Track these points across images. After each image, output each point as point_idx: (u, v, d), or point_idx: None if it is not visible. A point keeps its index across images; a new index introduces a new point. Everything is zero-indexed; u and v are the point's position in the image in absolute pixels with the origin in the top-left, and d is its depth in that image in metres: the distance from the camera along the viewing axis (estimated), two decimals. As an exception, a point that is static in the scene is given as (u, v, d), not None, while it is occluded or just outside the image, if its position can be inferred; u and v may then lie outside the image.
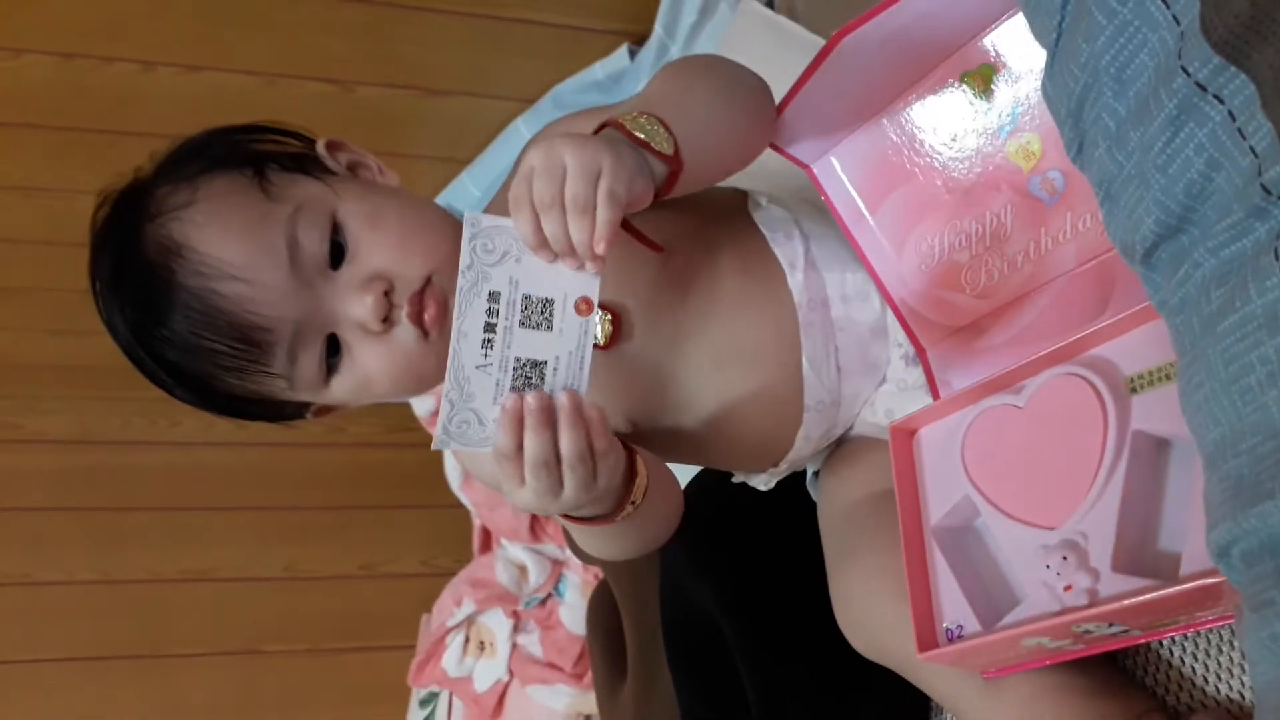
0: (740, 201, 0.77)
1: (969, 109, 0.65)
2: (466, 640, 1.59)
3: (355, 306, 0.66)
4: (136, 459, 1.53)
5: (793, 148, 0.72)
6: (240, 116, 1.32)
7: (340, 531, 1.66)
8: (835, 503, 0.76)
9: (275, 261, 0.65)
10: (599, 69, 1.33)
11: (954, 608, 0.58)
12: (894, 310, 0.71)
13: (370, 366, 0.68)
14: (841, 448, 0.79)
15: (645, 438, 0.74)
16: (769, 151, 0.73)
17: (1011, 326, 0.65)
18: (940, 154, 0.67)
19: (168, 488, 1.55)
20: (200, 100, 1.31)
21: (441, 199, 1.44)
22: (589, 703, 1.43)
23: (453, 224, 0.72)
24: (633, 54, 1.32)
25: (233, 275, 0.64)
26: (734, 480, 0.83)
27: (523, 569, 1.58)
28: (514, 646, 1.55)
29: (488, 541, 1.67)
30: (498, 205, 0.76)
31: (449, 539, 1.70)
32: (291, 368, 0.67)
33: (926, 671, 0.64)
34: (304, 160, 0.72)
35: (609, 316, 0.70)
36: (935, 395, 0.68)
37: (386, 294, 0.66)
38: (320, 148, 0.74)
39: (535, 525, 1.55)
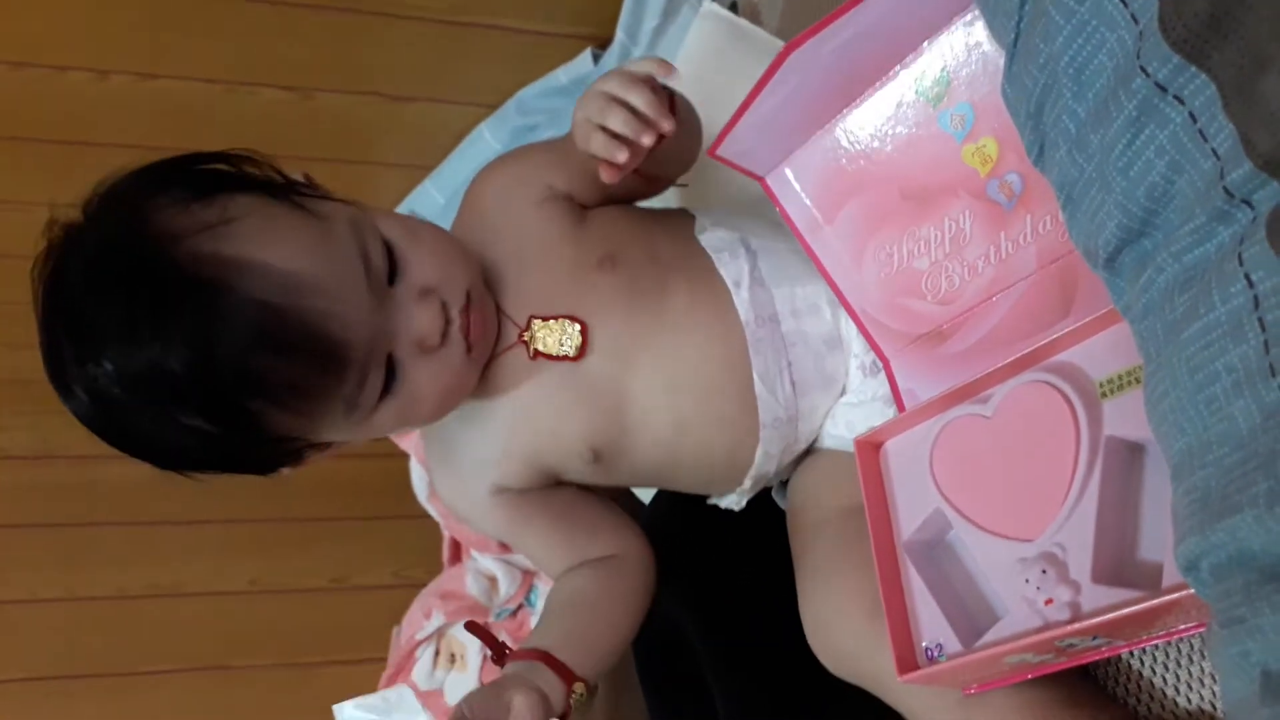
0: (686, 223, 0.77)
1: (923, 114, 0.64)
2: (437, 653, 1.56)
3: (418, 321, 0.64)
4: (100, 473, 1.49)
5: (745, 160, 0.71)
6: (198, 123, 1.30)
7: (309, 544, 1.63)
8: (803, 519, 0.75)
9: (356, 276, 0.62)
10: (562, 73, 1.31)
11: (932, 626, 0.57)
12: (855, 320, 0.70)
13: (422, 385, 0.66)
14: (807, 461, 0.78)
15: (608, 464, 0.73)
16: (719, 165, 0.71)
17: (974, 332, 0.64)
18: (896, 161, 0.66)
19: (132, 502, 1.51)
20: (156, 109, 1.29)
21: (405, 206, 1.42)
22: (563, 714, 1.41)
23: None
24: (596, 58, 1.30)
25: (321, 289, 0.59)
26: (708, 503, 0.81)
27: (493, 580, 1.55)
28: (485, 658, 1.53)
29: (457, 553, 1.65)
30: (461, 223, 0.76)
31: (420, 550, 1.67)
32: (359, 391, 0.63)
33: (901, 690, 0.63)
34: (299, 185, 0.68)
35: (579, 327, 0.70)
36: (900, 405, 0.67)
37: (442, 309, 0.65)
38: (299, 177, 0.70)
39: (504, 536, 1.52)
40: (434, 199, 1.40)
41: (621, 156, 0.65)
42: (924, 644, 0.57)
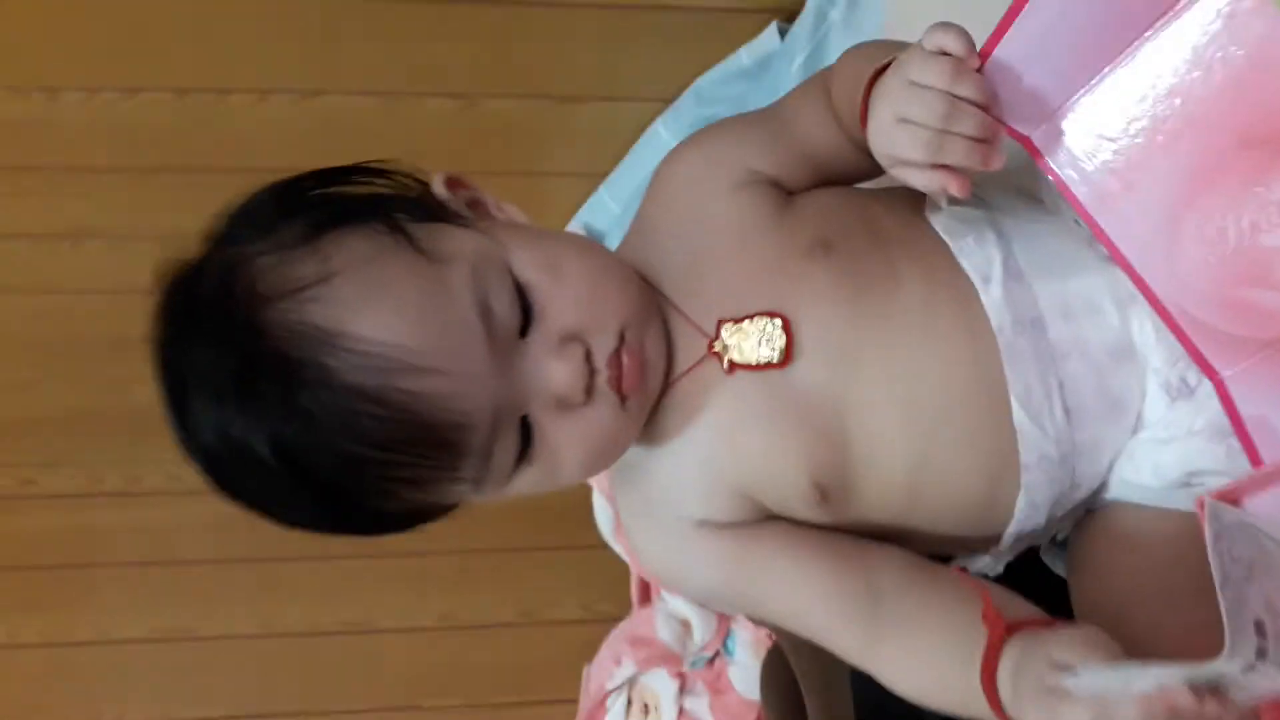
0: (914, 201, 0.61)
1: (1271, 24, 0.45)
2: (629, 703, 1.49)
3: (556, 377, 0.54)
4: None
5: (1002, 114, 0.53)
6: (362, 140, 1.21)
7: (497, 576, 1.61)
8: (1096, 601, 0.57)
9: (472, 340, 0.53)
10: (745, 55, 1.18)
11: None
12: (1167, 322, 0.51)
13: (563, 449, 0.56)
14: (1096, 518, 0.60)
15: (837, 506, 0.58)
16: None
17: (1366, 336, 0.44)
18: (1229, 95, 0.47)
19: (323, 536, 1.52)
20: (319, 127, 1.25)
21: (578, 219, 1.34)
22: (768, 774, 1.28)
23: (626, 265, 0.60)
24: (783, 33, 1.16)
25: (424, 366, 0.51)
26: (954, 565, 0.64)
27: (686, 624, 1.46)
28: (681, 710, 1.44)
29: (647, 593, 1.56)
30: (634, 234, 0.65)
31: (609, 582, 1.60)
32: (485, 467, 0.54)
33: None
34: (430, 205, 0.59)
35: (780, 322, 0.57)
36: (1247, 445, 0.48)
37: (586, 358, 0.55)
38: (439, 185, 0.60)
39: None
40: (609, 208, 1.31)
41: (997, 163, 0.50)
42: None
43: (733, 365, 0.57)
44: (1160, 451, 0.56)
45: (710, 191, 0.61)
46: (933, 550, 0.62)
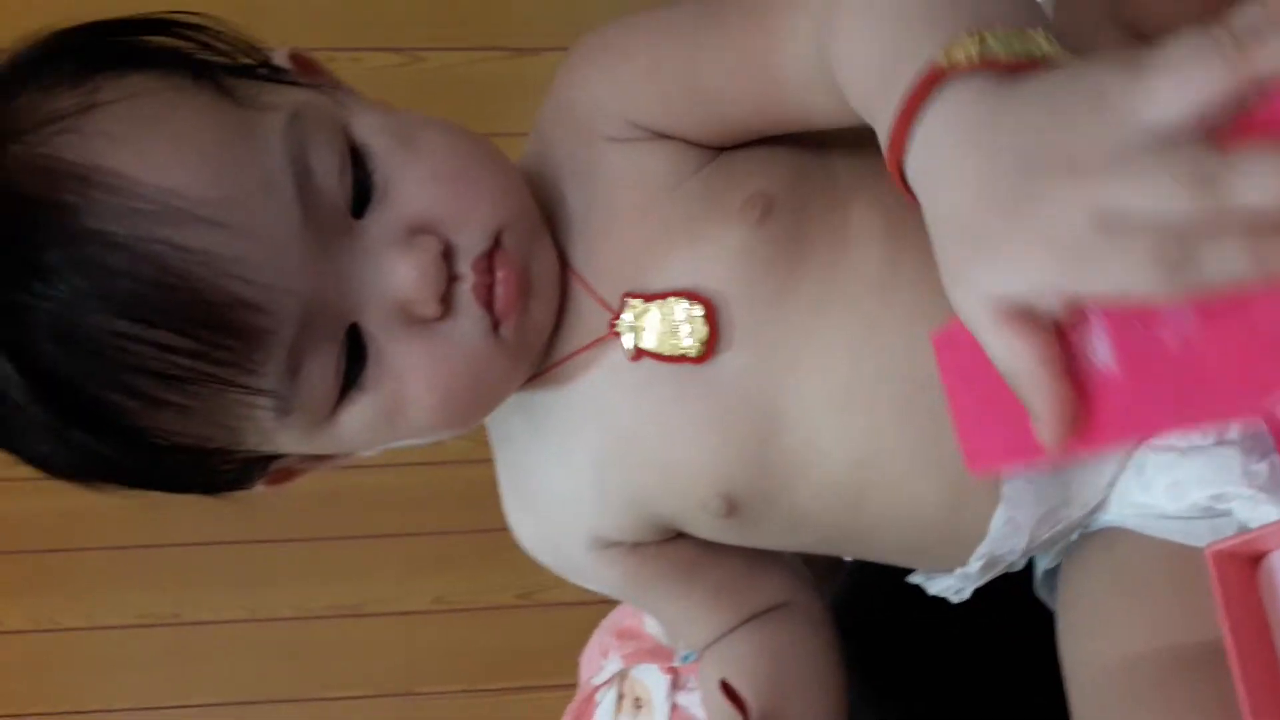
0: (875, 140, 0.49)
1: None
2: (620, 697, 1.41)
3: (398, 274, 0.42)
4: (280, 487, 1.46)
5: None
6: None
7: (493, 555, 1.52)
8: (1093, 653, 0.45)
9: (276, 200, 0.41)
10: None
11: None
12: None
13: (410, 376, 0.44)
14: (1096, 545, 0.48)
15: (748, 519, 0.49)
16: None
17: None
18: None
19: (312, 517, 1.47)
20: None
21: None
22: (769, 770, 1.19)
23: (514, 166, 0.48)
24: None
25: (200, 216, 0.39)
26: (910, 580, 0.54)
27: (674, 619, 1.38)
28: (674, 707, 1.36)
29: (637, 579, 1.47)
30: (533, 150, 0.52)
31: (609, 557, 1.56)
32: (292, 384, 0.42)
33: None
34: (264, 67, 0.46)
35: (701, 310, 0.46)
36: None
37: (444, 256, 0.43)
38: (281, 59, 0.47)
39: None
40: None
41: None
42: None
43: (639, 351, 0.46)
44: (1179, 465, 0.44)
45: (591, 145, 0.49)
46: (882, 559, 0.53)
